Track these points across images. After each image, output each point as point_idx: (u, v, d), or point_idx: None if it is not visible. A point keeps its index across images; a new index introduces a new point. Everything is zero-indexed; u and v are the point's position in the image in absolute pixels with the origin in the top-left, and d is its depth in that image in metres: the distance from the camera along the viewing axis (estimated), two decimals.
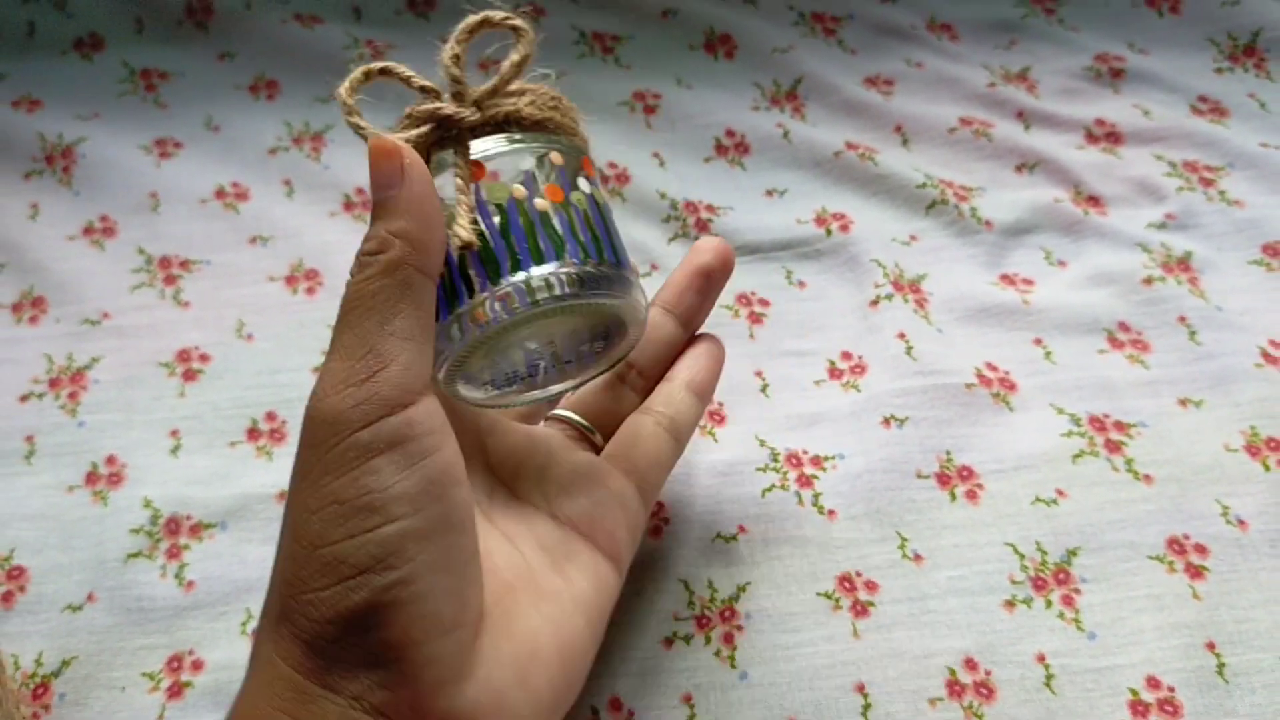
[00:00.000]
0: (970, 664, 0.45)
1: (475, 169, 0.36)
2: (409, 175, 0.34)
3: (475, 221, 0.35)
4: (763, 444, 0.52)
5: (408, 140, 0.35)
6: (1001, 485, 0.50)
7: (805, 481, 0.50)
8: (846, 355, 0.55)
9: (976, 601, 0.46)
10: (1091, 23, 0.72)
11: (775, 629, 0.46)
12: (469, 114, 0.36)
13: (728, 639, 0.46)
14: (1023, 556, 0.48)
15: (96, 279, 0.59)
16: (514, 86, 0.37)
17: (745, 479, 0.50)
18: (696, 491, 0.50)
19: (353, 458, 0.31)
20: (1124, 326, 0.56)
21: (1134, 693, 0.44)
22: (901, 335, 0.55)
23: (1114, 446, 0.51)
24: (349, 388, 0.32)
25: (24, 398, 0.54)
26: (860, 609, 0.46)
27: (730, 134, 0.65)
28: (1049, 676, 0.44)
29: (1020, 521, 0.49)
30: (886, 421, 0.52)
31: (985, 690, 0.44)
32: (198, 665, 0.46)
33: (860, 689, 0.44)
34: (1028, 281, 0.58)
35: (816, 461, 0.51)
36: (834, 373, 0.54)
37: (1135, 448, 0.51)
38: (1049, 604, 0.46)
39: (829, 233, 0.60)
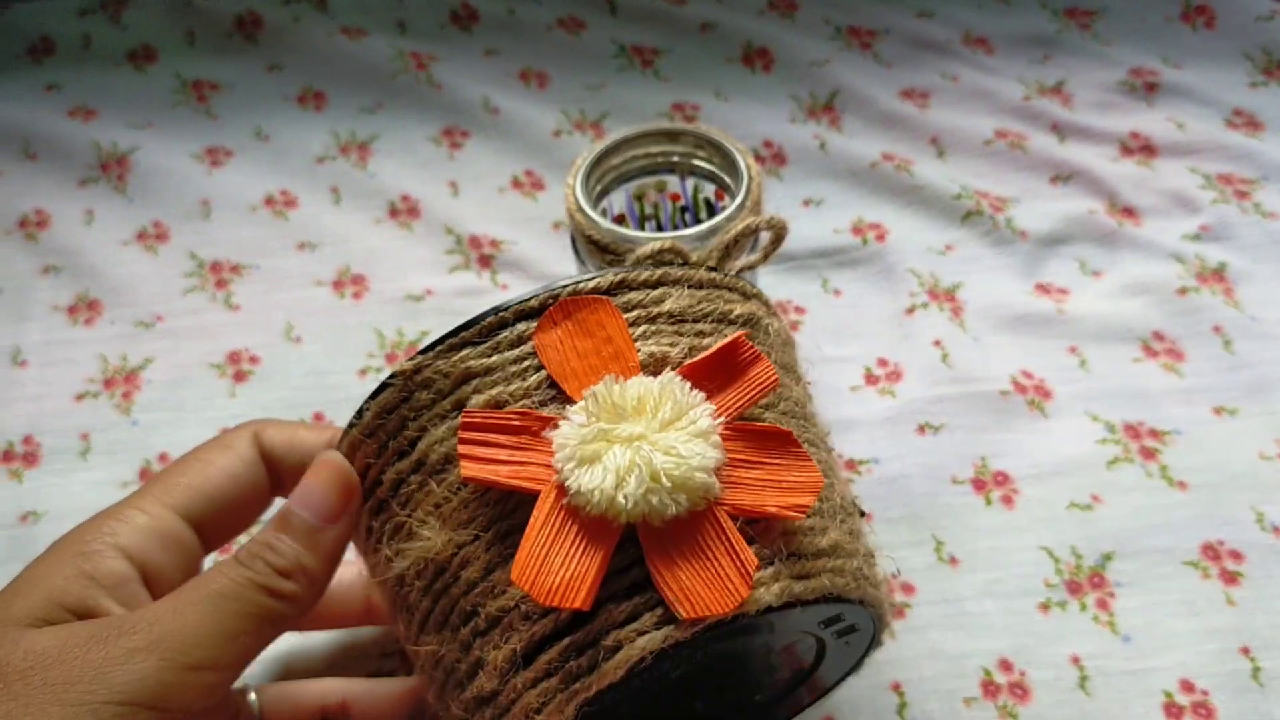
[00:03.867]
0: (1005, 665, 0.45)
1: None
2: (347, 518, 0.34)
3: None
4: None
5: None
6: (1037, 490, 0.50)
7: None
8: (883, 362, 0.56)
9: (1012, 604, 0.47)
10: (1125, 37, 0.72)
11: None
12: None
13: None
14: (1058, 560, 0.48)
15: (149, 283, 0.61)
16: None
17: None
18: None
19: None
20: (1159, 335, 0.56)
21: (1168, 695, 0.44)
22: (937, 343, 0.56)
23: (1149, 453, 0.51)
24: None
25: (79, 396, 0.56)
26: (897, 610, 0.47)
27: (768, 145, 0.66)
28: (1083, 678, 0.45)
29: (1055, 526, 0.49)
30: (922, 429, 0.53)
31: (1020, 691, 0.44)
32: None
33: (896, 688, 0.45)
34: (1063, 291, 0.59)
35: (852, 465, 0.52)
36: (870, 379, 0.55)
37: (1170, 455, 0.51)
38: (1084, 607, 0.47)
39: (865, 242, 0.61)
